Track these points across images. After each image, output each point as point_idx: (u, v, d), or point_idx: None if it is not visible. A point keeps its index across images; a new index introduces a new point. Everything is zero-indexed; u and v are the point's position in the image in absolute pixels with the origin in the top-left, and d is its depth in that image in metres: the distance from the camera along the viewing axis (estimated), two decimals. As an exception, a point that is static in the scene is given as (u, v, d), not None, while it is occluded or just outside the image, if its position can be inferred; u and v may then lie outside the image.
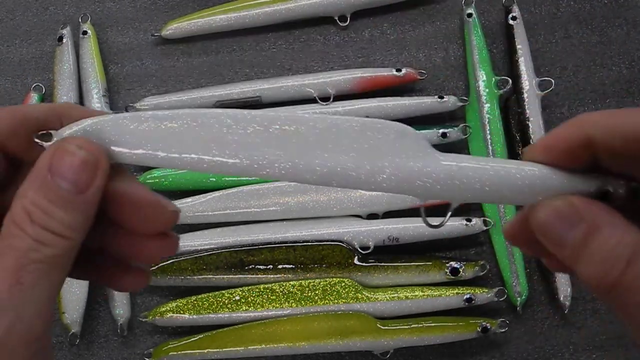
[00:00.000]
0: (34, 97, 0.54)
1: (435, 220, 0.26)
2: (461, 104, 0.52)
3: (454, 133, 0.51)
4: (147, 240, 0.25)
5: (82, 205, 0.22)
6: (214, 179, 0.51)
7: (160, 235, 0.25)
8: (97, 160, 0.22)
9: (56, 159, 0.22)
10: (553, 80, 0.51)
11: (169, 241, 0.25)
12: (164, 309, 0.49)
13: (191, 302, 0.48)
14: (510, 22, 0.54)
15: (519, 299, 0.48)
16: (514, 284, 0.48)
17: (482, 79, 0.52)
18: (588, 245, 0.20)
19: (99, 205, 0.22)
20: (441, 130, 0.51)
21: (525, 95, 0.51)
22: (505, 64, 0.55)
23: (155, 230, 0.24)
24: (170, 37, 0.56)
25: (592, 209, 0.21)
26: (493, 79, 0.52)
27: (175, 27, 0.56)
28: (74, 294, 0.48)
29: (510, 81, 0.51)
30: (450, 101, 0.52)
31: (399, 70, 0.53)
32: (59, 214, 0.21)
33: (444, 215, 0.29)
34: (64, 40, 0.55)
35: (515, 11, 0.54)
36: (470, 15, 0.54)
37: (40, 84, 0.55)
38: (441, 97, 0.52)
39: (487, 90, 0.51)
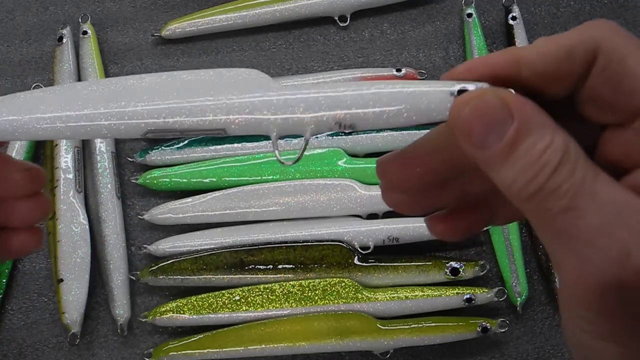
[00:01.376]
0: (34, 97, 0.54)
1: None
2: None
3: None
4: (16, 204, 0.25)
5: None
6: (214, 179, 0.51)
7: (30, 195, 0.25)
8: None
9: None
10: (553, 80, 0.51)
11: (38, 200, 0.25)
12: (164, 309, 0.49)
13: (191, 302, 0.48)
14: (510, 22, 0.54)
15: (519, 299, 0.48)
16: (514, 284, 0.48)
17: (482, 79, 0.52)
18: (516, 149, 0.19)
19: None
20: None
21: (525, 95, 0.51)
22: (505, 64, 0.55)
23: (21, 193, 0.25)
24: (170, 37, 0.56)
25: (523, 106, 0.19)
26: (493, 79, 0.52)
27: (175, 27, 0.56)
28: (74, 294, 0.48)
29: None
30: None
31: (399, 70, 0.53)
32: None
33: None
34: (64, 40, 0.55)
35: (515, 11, 0.54)
36: (470, 15, 0.54)
37: (40, 84, 0.55)
38: None
39: (487, 90, 0.51)
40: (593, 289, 0.19)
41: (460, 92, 0.20)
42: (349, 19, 0.56)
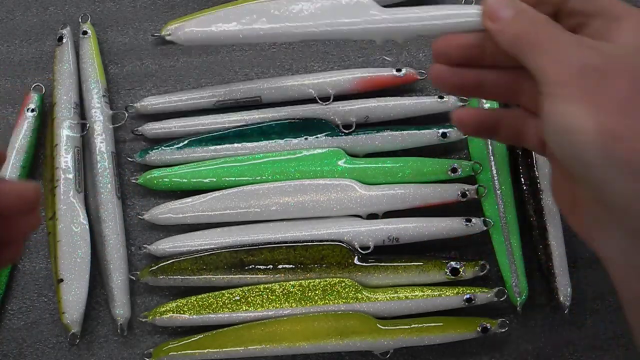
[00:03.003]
0: (34, 97, 0.54)
1: None
2: (461, 104, 0.52)
3: (453, 133, 0.51)
4: (12, 219, 0.27)
5: None
6: (214, 179, 0.51)
7: (25, 213, 0.27)
8: None
9: None
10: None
11: (32, 216, 0.28)
12: (164, 309, 0.49)
13: (191, 302, 0.48)
14: (510, 22, 0.54)
15: (518, 299, 0.48)
16: (514, 284, 0.48)
17: (482, 79, 0.52)
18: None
19: None
20: (441, 130, 0.51)
21: (525, 95, 0.51)
22: (505, 63, 0.55)
23: (19, 211, 0.27)
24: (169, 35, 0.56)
25: None
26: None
27: (175, 28, 0.56)
28: (74, 294, 0.48)
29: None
30: (450, 101, 0.52)
31: (399, 70, 0.53)
32: None
33: (444, 215, 0.30)
34: (64, 40, 0.55)
35: (515, 11, 0.54)
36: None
37: (40, 84, 0.55)
38: (441, 97, 0.52)
39: (487, 90, 0.51)
40: None
41: None
42: (349, 19, 0.56)
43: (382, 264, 0.48)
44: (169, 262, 0.49)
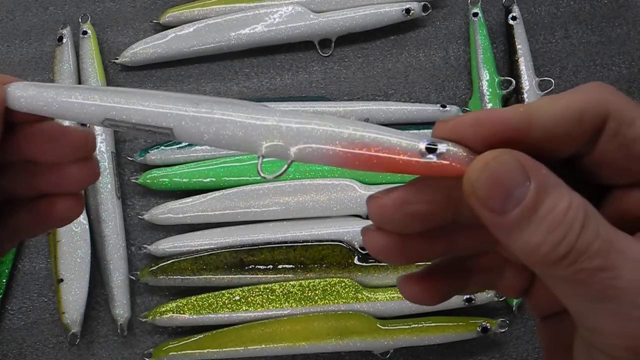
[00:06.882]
0: (34, 97, 0.54)
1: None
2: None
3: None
4: (69, 167, 0.25)
5: None
6: (214, 179, 0.51)
7: (80, 160, 0.25)
8: None
9: None
10: (553, 80, 0.52)
11: (89, 164, 0.25)
12: (164, 309, 0.49)
13: (191, 302, 0.48)
14: (510, 22, 0.54)
15: (514, 299, 0.48)
16: (514, 284, 0.48)
17: (486, 79, 0.52)
18: (537, 211, 0.18)
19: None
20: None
21: (525, 95, 0.51)
22: (505, 64, 0.55)
23: (75, 156, 0.24)
24: (168, 25, 0.56)
25: (538, 166, 0.19)
26: (496, 79, 0.52)
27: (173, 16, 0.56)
28: (74, 294, 0.48)
29: (514, 82, 0.51)
30: (452, 111, 0.52)
31: (443, 106, 0.52)
32: None
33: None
34: (64, 40, 0.55)
35: (515, 11, 0.54)
36: (476, 14, 0.54)
37: (40, 84, 0.55)
38: (443, 106, 0.52)
39: (490, 90, 0.52)
40: (634, 349, 0.18)
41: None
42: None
43: (382, 264, 0.48)
44: (169, 262, 0.49)
